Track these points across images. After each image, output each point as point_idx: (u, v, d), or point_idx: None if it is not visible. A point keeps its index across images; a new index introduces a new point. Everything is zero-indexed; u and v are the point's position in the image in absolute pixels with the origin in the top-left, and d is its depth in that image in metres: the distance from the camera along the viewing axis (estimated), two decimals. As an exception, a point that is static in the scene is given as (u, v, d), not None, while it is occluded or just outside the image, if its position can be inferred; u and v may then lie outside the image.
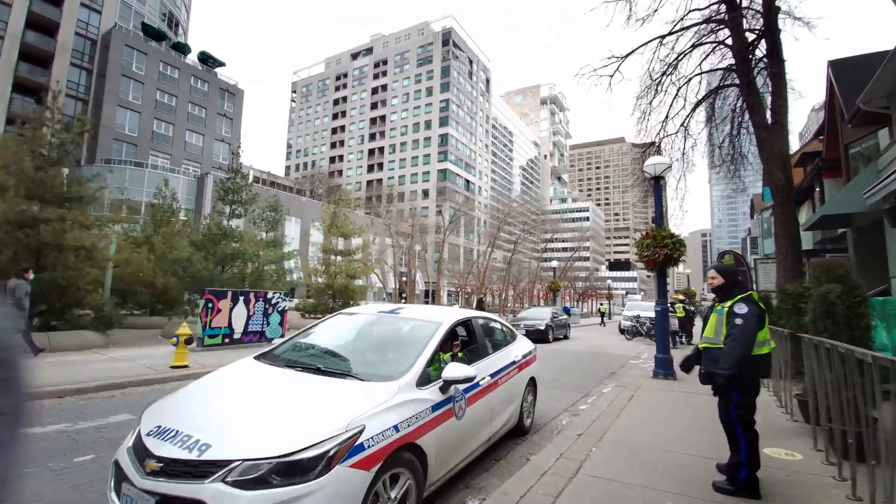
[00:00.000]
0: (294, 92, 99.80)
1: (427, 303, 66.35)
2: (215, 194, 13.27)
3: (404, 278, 52.33)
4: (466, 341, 4.05)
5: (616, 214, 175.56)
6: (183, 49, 45.10)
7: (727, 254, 12.92)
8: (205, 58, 46.84)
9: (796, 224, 11.46)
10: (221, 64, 48.09)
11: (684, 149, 12.69)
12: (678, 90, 12.27)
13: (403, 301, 50.91)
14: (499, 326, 4.85)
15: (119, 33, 39.78)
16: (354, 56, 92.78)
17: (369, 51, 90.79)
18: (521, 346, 4.96)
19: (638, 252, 8.17)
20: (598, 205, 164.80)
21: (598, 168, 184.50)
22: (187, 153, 42.97)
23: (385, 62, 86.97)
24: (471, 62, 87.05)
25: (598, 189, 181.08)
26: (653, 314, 21.37)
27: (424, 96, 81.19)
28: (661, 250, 7.76)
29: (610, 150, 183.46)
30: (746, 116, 13.43)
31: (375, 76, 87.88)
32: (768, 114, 11.51)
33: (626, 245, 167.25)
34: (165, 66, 42.58)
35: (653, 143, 12.91)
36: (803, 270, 11.75)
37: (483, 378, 3.59)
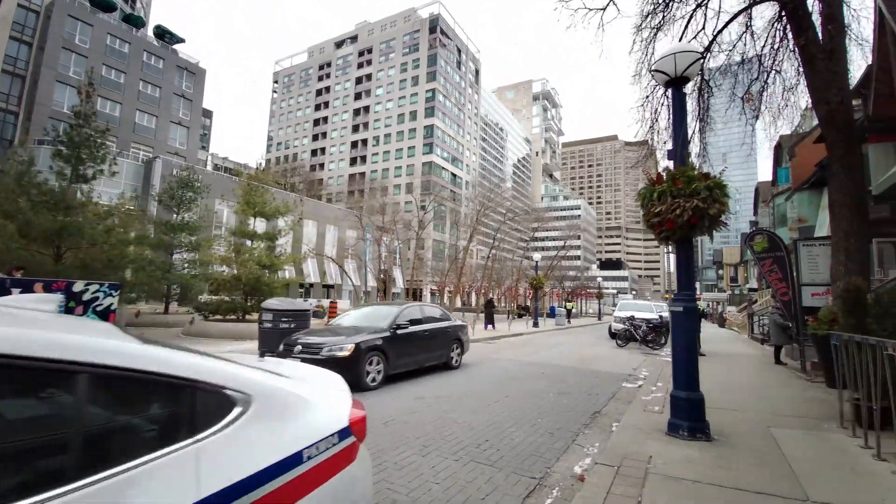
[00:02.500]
0: (276, 82, 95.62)
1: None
2: (52, 148, 9.54)
3: (381, 276, 48.73)
4: None
5: (608, 213, 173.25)
6: (135, 22, 41.02)
7: (759, 234, 9.48)
8: (161, 33, 42.79)
9: (863, 186, 8.08)
10: (180, 40, 44.05)
11: (700, 87, 9.21)
12: (698, 3, 8.77)
13: (379, 300, 47.36)
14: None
15: (62, 2, 35.68)
16: (339, 45, 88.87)
17: (354, 39, 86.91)
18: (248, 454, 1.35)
19: (644, 209, 4.64)
20: (591, 203, 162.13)
21: (590, 166, 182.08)
22: (137, 135, 38.91)
23: (370, 51, 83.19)
24: (459, 51, 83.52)
25: (591, 188, 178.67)
26: (649, 315, 17.92)
27: (410, 86, 77.52)
28: (686, 202, 4.23)
29: (602, 148, 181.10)
30: (781, 56, 10.06)
31: (360, 65, 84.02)
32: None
33: (617, 244, 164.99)
34: (114, 39, 38.47)
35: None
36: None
37: None
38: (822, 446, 4.05)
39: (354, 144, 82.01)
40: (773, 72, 10.19)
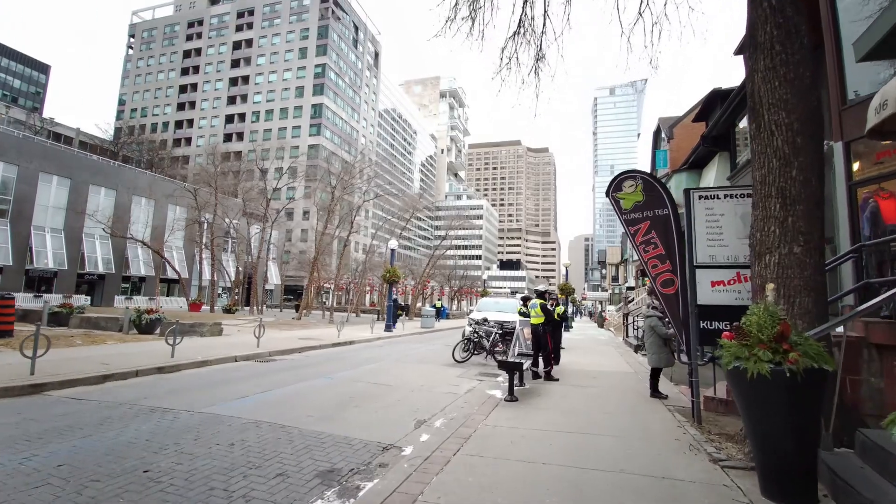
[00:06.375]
0: (132, 37, 79.68)
1: (288, 300, 54.93)
2: None
3: (238, 268, 40.70)
4: None
5: (510, 216, 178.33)
6: None
7: (630, 178, 5.56)
8: None
9: (815, 90, 4.36)
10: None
11: None
12: None
13: (236, 295, 39.55)
14: None
15: None
16: (213, 1, 76.40)
17: (233, -4, 75.37)
18: None
19: None
20: (493, 205, 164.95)
21: (494, 169, 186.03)
22: None
23: (251, 12, 72.69)
24: (356, 28, 76.86)
25: (494, 189, 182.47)
26: (508, 318, 14.04)
27: (297, 58, 69.03)
28: None
29: (507, 151, 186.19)
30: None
31: (239, 28, 73.08)
32: None
33: (517, 245, 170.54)
34: None
35: None
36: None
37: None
38: None
39: (230, 119, 70.88)
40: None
